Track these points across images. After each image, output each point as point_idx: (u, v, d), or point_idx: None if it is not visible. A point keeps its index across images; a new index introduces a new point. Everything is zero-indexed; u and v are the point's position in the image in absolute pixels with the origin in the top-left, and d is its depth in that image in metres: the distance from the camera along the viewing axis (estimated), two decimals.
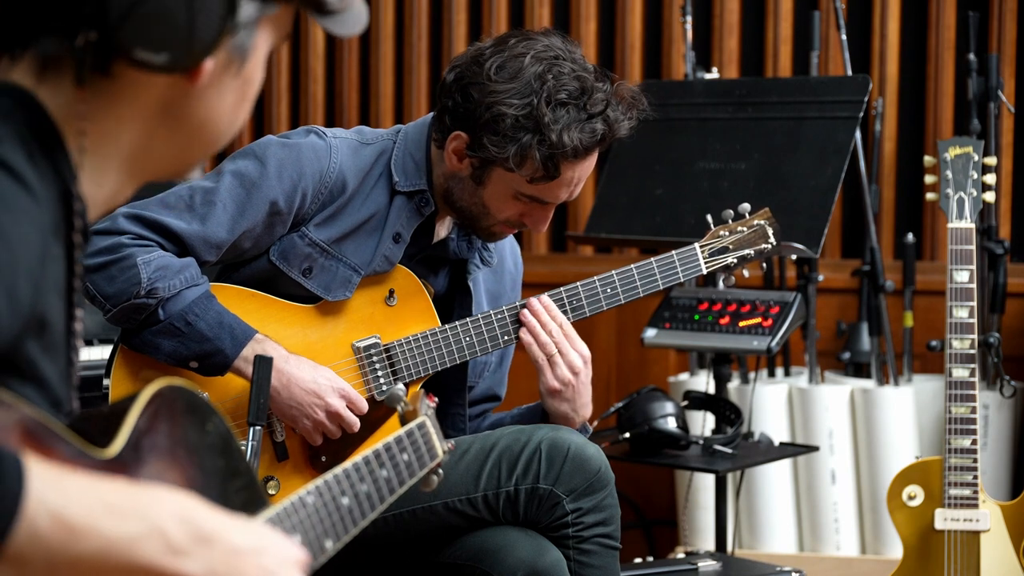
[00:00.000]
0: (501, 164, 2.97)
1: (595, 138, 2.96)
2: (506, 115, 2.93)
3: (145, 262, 2.86)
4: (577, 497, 2.93)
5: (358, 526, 1.92)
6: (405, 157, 3.07)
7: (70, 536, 1.40)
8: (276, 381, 2.93)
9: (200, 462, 1.66)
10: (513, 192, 3.02)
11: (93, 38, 1.55)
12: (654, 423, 3.93)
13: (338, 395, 2.97)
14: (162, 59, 1.56)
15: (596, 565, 2.95)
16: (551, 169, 2.96)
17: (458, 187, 3.05)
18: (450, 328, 3.09)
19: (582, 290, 3.16)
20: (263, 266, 3.04)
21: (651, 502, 5.18)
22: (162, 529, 1.44)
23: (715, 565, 3.70)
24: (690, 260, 3.24)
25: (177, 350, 2.91)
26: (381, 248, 3.06)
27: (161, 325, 2.89)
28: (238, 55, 1.63)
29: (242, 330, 2.93)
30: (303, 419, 2.96)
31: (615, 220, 4.33)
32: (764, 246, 3.31)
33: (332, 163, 2.99)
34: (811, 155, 4.13)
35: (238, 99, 1.67)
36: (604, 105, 2.97)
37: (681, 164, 4.30)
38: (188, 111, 1.64)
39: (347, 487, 1.90)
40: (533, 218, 3.07)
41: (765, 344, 3.94)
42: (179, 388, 1.65)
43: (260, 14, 1.64)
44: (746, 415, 4.19)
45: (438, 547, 3.00)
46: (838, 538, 4.76)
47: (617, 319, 5.28)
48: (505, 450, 2.96)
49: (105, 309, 2.90)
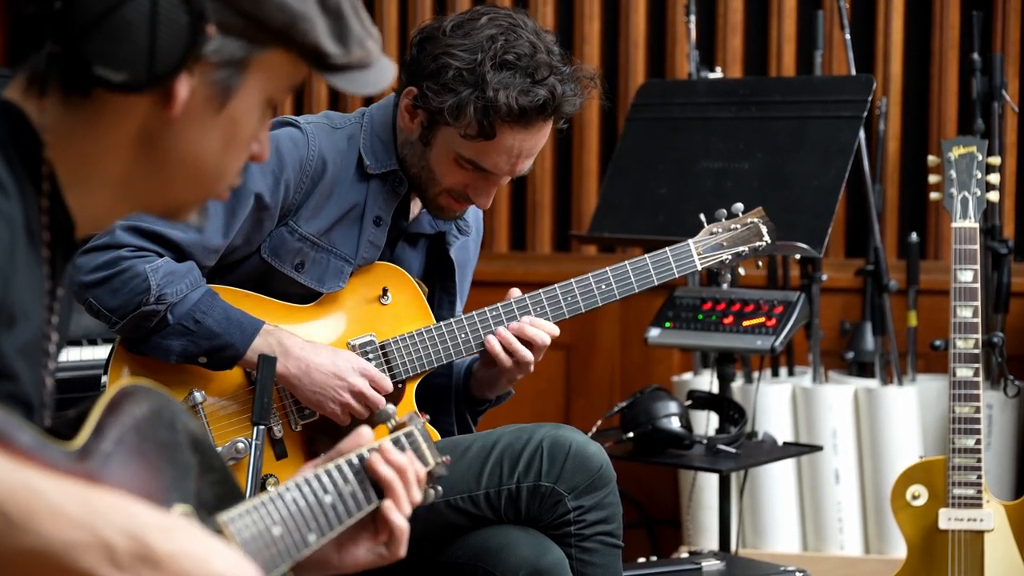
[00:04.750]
0: (440, 117, 2.98)
1: (534, 102, 2.95)
2: (450, 66, 2.95)
3: (153, 270, 2.87)
4: (579, 495, 2.93)
5: (344, 523, 1.91)
6: (373, 139, 3.08)
7: (7, 527, 1.39)
8: (296, 368, 2.94)
9: (171, 456, 1.65)
10: (454, 155, 3.01)
11: (56, 51, 1.57)
12: (658, 422, 3.93)
13: (360, 374, 2.98)
14: (120, 77, 1.56)
15: (598, 563, 2.95)
16: (486, 127, 2.95)
17: (411, 153, 3.07)
18: (445, 325, 3.09)
19: (576, 286, 3.16)
20: (255, 264, 3.04)
21: (655, 502, 5.17)
22: (107, 542, 1.42)
23: (719, 565, 3.70)
24: (684, 256, 3.24)
25: (187, 349, 2.92)
26: (364, 234, 3.07)
27: (170, 328, 2.90)
28: (220, 92, 1.62)
29: (249, 323, 2.94)
30: (329, 403, 2.96)
31: (618, 219, 4.33)
32: (759, 243, 3.31)
33: (311, 151, 3.00)
34: (815, 154, 4.13)
35: (224, 140, 1.66)
36: (549, 73, 2.96)
37: (685, 163, 4.30)
38: (168, 143, 1.63)
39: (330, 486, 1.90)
40: (475, 190, 3.06)
41: (769, 344, 3.94)
42: (146, 387, 1.65)
43: (247, 54, 1.63)
44: (750, 415, 4.19)
45: (440, 546, 3.00)
46: (842, 538, 4.75)
47: (621, 319, 5.28)
48: (507, 448, 2.97)
49: (111, 322, 2.90)
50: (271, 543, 1.75)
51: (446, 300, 3.23)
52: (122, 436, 1.58)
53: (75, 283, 2.88)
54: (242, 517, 1.71)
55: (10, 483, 1.39)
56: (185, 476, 1.66)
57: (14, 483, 1.39)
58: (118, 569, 1.42)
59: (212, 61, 1.61)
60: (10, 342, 1.51)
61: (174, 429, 1.66)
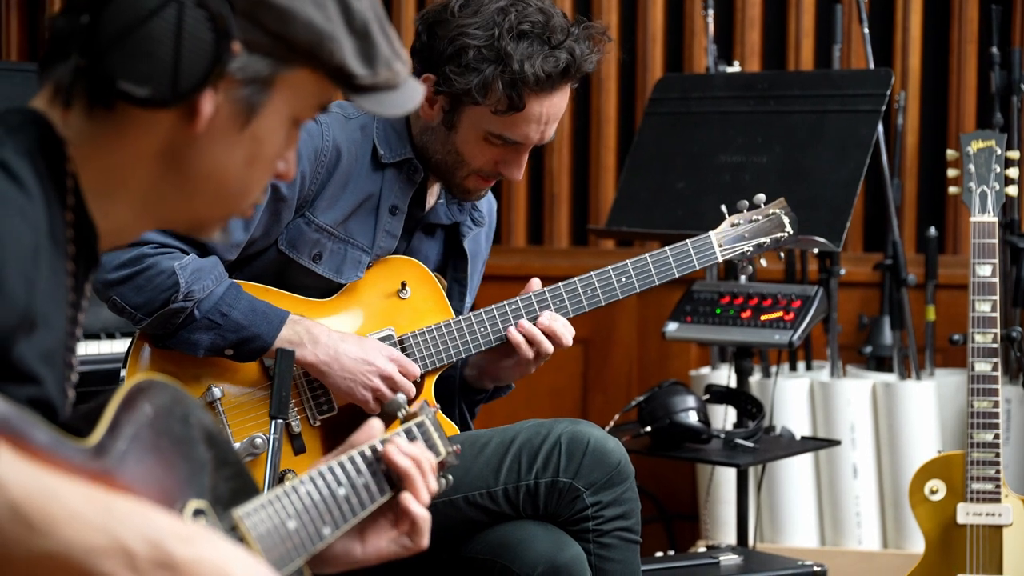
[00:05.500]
0: (466, 98, 2.98)
1: (558, 67, 2.97)
2: (468, 46, 2.95)
3: (181, 267, 2.87)
4: (597, 490, 2.93)
5: (358, 516, 1.92)
6: (386, 128, 3.09)
7: (28, 532, 1.39)
8: (325, 355, 2.95)
9: (186, 452, 1.65)
10: (483, 133, 3.02)
11: (82, 65, 1.57)
12: (675, 417, 3.93)
13: (388, 359, 2.98)
14: (144, 92, 1.56)
15: (616, 559, 2.94)
16: (515, 100, 2.97)
17: (432, 139, 3.07)
18: (464, 319, 3.09)
19: (596, 279, 3.15)
20: (272, 257, 3.04)
21: (672, 496, 5.17)
22: (126, 547, 1.42)
23: (736, 559, 3.69)
24: (705, 248, 3.23)
25: (215, 342, 2.93)
26: (381, 224, 3.07)
27: (197, 322, 2.91)
28: (244, 109, 1.63)
29: (275, 313, 2.94)
30: (360, 388, 2.96)
31: (636, 213, 4.32)
32: (780, 235, 3.30)
33: (325, 141, 3.00)
34: (833, 149, 4.12)
35: (249, 157, 1.66)
36: (565, 36, 2.98)
37: (702, 158, 4.29)
38: (192, 158, 1.63)
39: (343, 478, 1.91)
40: (507, 163, 3.07)
41: (787, 338, 3.93)
42: (160, 382, 1.65)
43: (273, 72, 1.63)
44: (768, 409, 4.18)
45: (458, 542, 3.00)
46: (860, 532, 4.75)
47: (639, 313, 5.27)
48: (525, 444, 2.96)
49: (136, 319, 2.90)
50: (286, 537, 1.75)
51: (457, 290, 3.23)
52: (137, 432, 1.58)
53: (98, 281, 2.89)
54: (257, 512, 1.72)
55: (31, 487, 1.39)
56: (200, 471, 1.67)
57: (35, 488, 1.39)
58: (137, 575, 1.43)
59: (237, 78, 1.61)
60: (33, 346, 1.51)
61: (188, 424, 1.67)
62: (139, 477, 1.57)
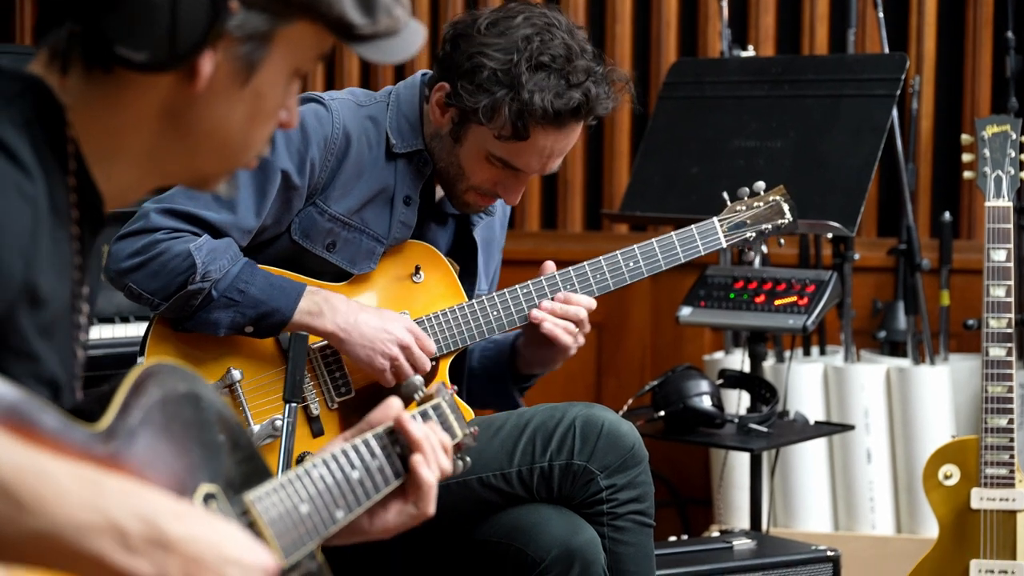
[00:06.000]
0: (473, 117, 2.97)
1: (568, 106, 2.95)
2: (485, 66, 2.94)
3: (197, 248, 2.88)
4: (611, 474, 2.93)
5: (372, 498, 1.91)
6: (399, 119, 3.08)
7: (17, 511, 1.38)
8: (344, 323, 2.95)
9: (198, 436, 1.64)
10: (485, 152, 3.01)
11: (77, 30, 1.56)
12: (689, 401, 3.93)
13: (407, 329, 2.99)
14: (142, 57, 1.55)
15: (630, 542, 2.95)
16: (520, 129, 2.95)
17: (439, 146, 3.07)
18: (477, 303, 3.10)
19: (605, 264, 3.16)
20: (285, 246, 3.05)
21: (686, 481, 5.17)
22: (118, 524, 1.41)
23: (750, 543, 3.69)
24: (710, 234, 3.24)
25: (235, 320, 2.94)
26: (396, 214, 3.07)
27: (215, 302, 2.92)
28: (244, 66, 1.61)
29: (292, 286, 2.95)
30: (378, 357, 2.96)
31: (650, 198, 4.32)
32: (781, 221, 3.31)
33: (335, 127, 3.00)
34: (847, 133, 4.11)
35: (250, 113, 1.64)
36: (585, 77, 2.96)
37: (716, 142, 4.28)
38: (193, 117, 1.62)
39: (357, 461, 1.90)
40: (505, 187, 3.07)
41: (801, 323, 3.93)
42: (170, 365, 1.64)
43: (272, 27, 1.61)
44: (781, 394, 4.18)
45: (471, 524, 3.00)
46: (873, 517, 4.75)
47: (652, 297, 5.27)
48: (539, 426, 2.97)
49: (154, 304, 2.91)
50: (299, 521, 1.75)
51: (467, 280, 3.23)
52: (148, 416, 1.57)
53: (112, 270, 2.89)
54: (269, 496, 1.71)
55: (20, 466, 1.38)
56: (212, 455, 1.66)
57: (24, 466, 1.38)
58: (130, 552, 1.41)
59: (236, 36, 1.59)
60: (31, 323, 1.51)
61: (200, 407, 1.66)
62: (149, 461, 1.56)
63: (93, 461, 1.48)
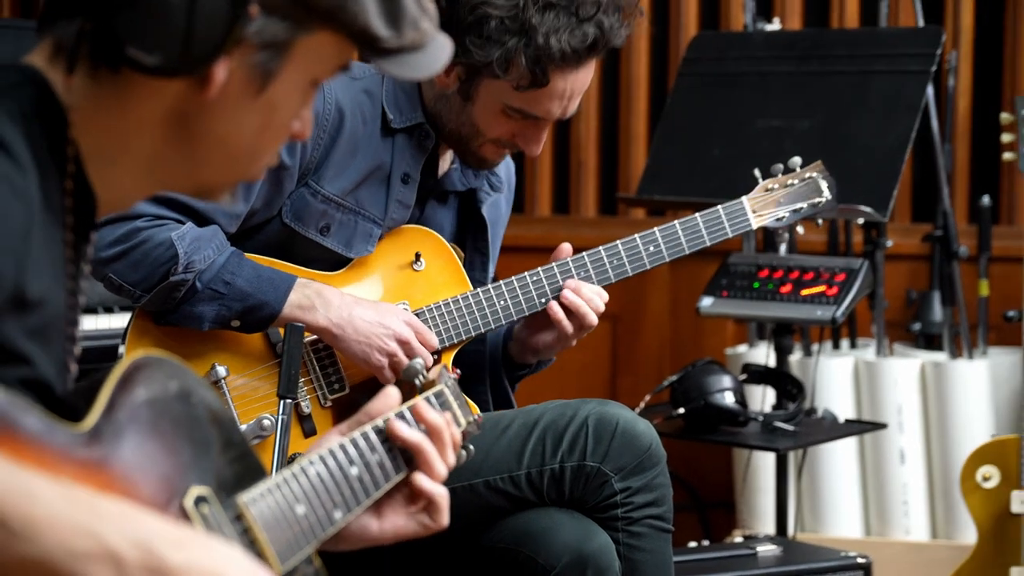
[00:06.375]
0: (486, 71, 2.97)
1: (586, 43, 2.95)
2: (490, 16, 2.93)
3: (179, 237, 2.87)
4: (626, 476, 2.93)
5: (372, 496, 1.91)
6: (396, 91, 3.08)
7: (8, 537, 1.37)
8: (338, 318, 2.94)
9: (188, 434, 1.64)
10: (502, 106, 3.01)
11: (88, 28, 1.56)
12: (710, 398, 3.93)
13: (405, 323, 2.98)
14: (153, 60, 1.55)
15: (647, 548, 2.94)
16: (539, 76, 2.95)
17: (446, 108, 3.06)
18: (483, 292, 3.09)
19: (622, 248, 3.14)
20: (276, 229, 3.04)
21: (707, 483, 5.17)
22: (113, 551, 1.41)
23: (775, 550, 3.69)
24: (738, 214, 3.21)
25: (220, 313, 2.93)
26: (393, 194, 3.06)
27: (199, 294, 2.91)
28: (260, 75, 1.61)
29: (282, 279, 2.94)
30: (375, 354, 2.96)
31: (669, 182, 4.32)
32: (818, 200, 3.28)
33: (327, 103, 2.99)
34: (880, 112, 4.11)
35: (261, 124, 1.64)
36: (596, 9, 2.95)
37: (740, 122, 4.28)
38: (202, 125, 1.62)
39: (356, 456, 1.89)
40: (525, 138, 3.06)
41: (830, 314, 3.92)
42: (160, 359, 1.63)
43: (291, 35, 1.61)
44: (809, 390, 4.18)
45: (478, 530, 3.00)
46: (907, 522, 4.75)
47: (671, 287, 5.27)
48: (550, 425, 2.96)
49: (135, 296, 2.91)
50: (294, 523, 1.75)
51: (479, 261, 3.22)
52: (135, 414, 1.57)
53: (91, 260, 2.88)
54: (264, 497, 1.71)
55: (9, 488, 1.38)
56: (203, 454, 1.66)
57: (13, 488, 1.38)
58: None
59: (253, 43, 1.59)
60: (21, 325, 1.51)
61: (191, 403, 1.65)
62: (137, 463, 1.56)
63: (76, 465, 1.48)
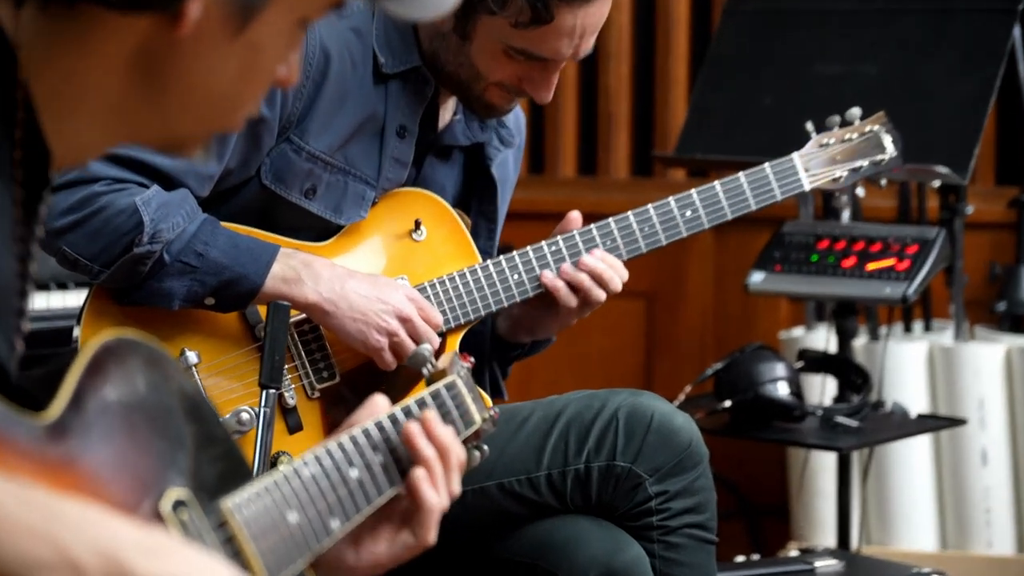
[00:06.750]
0: (480, 6, 2.95)
1: None
2: None
3: (144, 202, 2.86)
4: (662, 478, 2.94)
5: (373, 503, 1.92)
6: (388, 31, 3.06)
7: None
8: (329, 292, 2.93)
9: (164, 429, 1.65)
10: (502, 46, 2.99)
11: None
12: (761, 389, 3.94)
13: (406, 297, 2.98)
14: None
15: (686, 562, 2.95)
16: (541, 11, 2.91)
17: (444, 48, 3.04)
18: (493, 264, 3.07)
19: (655, 213, 3.13)
20: (254, 192, 3.03)
21: (756, 486, 5.19)
22: (73, 560, 1.42)
23: (836, 565, 3.71)
24: (788, 174, 3.20)
25: (192, 289, 2.91)
26: (387, 150, 3.05)
27: (167, 267, 2.90)
28: (240, 11, 1.57)
29: (263, 248, 2.93)
30: (373, 332, 2.95)
31: (713, 137, 4.33)
32: (880, 157, 3.28)
33: (310, 44, 2.97)
34: (957, 57, 4.11)
35: (241, 68, 1.62)
36: None
37: (794, 67, 4.29)
38: (173, 68, 1.59)
39: (356, 457, 1.90)
40: (533, 82, 3.03)
41: (900, 291, 3.93)
42: (134, 341, 1.64)
43: None
44: (876, 380, 4.19)
45: (491, 539, 3.02)
46: (989, 533, 4.75)
47: (715, 260, 5.28)
48: (574, 419, 2.97)
49: (93, 272, 2.89)
50: (286, 532, 1.76)
51: (485, 228, 3.22)
52: (105, 405, 1.58)
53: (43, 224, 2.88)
54: (251, 503, 1.71)
55: None
56: (181, 451, 1.66)
57: None
58: None
59: None
60: None
61: (168, 392, 1.66)
62: (107, 462, 1.56)
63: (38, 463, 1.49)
